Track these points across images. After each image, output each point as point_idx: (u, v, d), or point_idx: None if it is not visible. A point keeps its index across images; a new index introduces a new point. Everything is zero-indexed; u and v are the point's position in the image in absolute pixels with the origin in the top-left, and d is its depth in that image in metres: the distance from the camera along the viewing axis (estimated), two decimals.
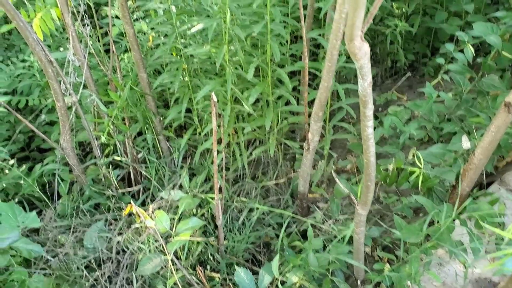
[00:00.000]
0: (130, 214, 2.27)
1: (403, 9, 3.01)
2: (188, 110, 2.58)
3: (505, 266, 1.06)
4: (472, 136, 2.12)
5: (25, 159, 3.09)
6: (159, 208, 2.16)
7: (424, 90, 2.39)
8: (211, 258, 2.21)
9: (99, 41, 2.63)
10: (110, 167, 2.58)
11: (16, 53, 3.15)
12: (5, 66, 2.92)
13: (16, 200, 2.52)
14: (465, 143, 2.04)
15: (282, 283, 1.91)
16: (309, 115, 2.13)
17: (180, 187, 2.46)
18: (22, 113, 3.08)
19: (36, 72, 2.75)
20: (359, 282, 2.09)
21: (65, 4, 2.24)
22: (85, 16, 2.39)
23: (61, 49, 2.88)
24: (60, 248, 2.23)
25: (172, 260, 1.84)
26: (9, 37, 3.35)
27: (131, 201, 1.79)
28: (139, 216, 1.78)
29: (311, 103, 2.23)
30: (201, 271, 2.03)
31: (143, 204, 2.57)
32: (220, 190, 2.10)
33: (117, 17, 2.67)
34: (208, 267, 2.20)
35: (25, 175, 2.49)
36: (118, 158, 2.55)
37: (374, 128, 1.64)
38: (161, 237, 1.81)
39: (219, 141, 2.32)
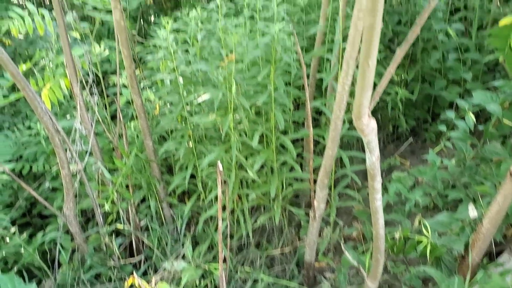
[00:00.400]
0: (131, 286, 2.21)
1: (402, 76, 3.09)
2: (192, 176, 2.58)
3: None
4: (478, 203, 2.11)
5: (26, 225, 3.05)
6: (161, 280, 2.11)
7: (427, 157, 2.41)
8: None
9: (106, 109, 2.68)
10: (113, 235, 2.55)
11: (23, 119, 3.20)
12: (11, 132, 2.95)
13: (16, 269, 2.46)
14: (472, 212, 2.03)
15: None
16: (314, 182, 2.13)
17: (183, 256, 2.41)
18: (25, 179, 3.07)
19: (42, 140, 2.77)
20: None
21: (74, 74, 2.30)
22: (93, 86, 2.45)
23: (68, 116, 2.92)
24: None
25: None
26: (16, 103, 3.41)
27: (133, 272, 1.75)
28: None
29: (315, 170, 2.23)
30: None
31: (145, 274, 2.51)
32: (224, 260, 2.06)
33: (124, 86, 2.73)
34: None
35: (26, 243, 2.45)
36: (121, 227, 2.52)
37: None
38: None
39: (224, 208, 2.30)
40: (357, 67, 1.90)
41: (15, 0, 4.39)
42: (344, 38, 2.30)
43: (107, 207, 2.32)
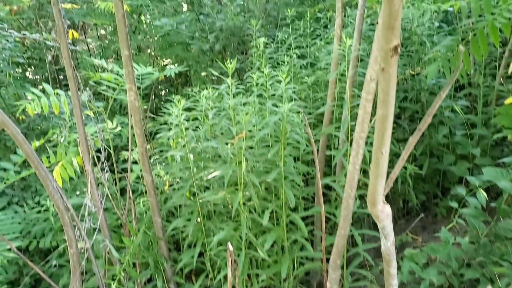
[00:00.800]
0: None
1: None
2: (200, 254, 2.53)
3: None
4: (496, 285, 2.04)
5: None
6: None
7: (440, 235, 2.37)
8: None
9: (115, 184, 2.69)
10: None
11: (32, 194, 3.20)
12: (20, 208, 2.95)
13: None
14: None
15: None
16: (326, 260, 2.08)
17: None
18: (31, 254, 3.03)
19: (51, 216, 2.77)
20: None
21: (87, 152, 2.33)
22: (105, 162, 2.47)
23: (78, 191, 2.93)
24: None
25: None
26: (26, 177, 3.43)
27: None
28: None
29: (326, 248, 2.20)
30: None
31: None
32: None
33: (135, 161, 2.76)
34: None
35: None
36: None
37: None
38: None
39: None
40: (365, 143, 1.93)
41: (30, 75, 4.56)
42: (352, 117, 2.34)
43: (113, 287, 2.27)
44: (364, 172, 2.55)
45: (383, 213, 1.22)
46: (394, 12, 0.86)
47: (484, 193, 2.36)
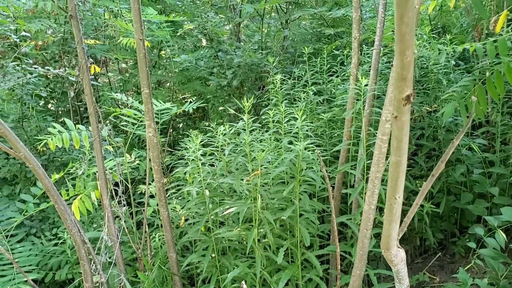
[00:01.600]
0: None
1: None
2: None
3: None
4: None
5: None
6: None
7: (458, 276, 2.33)
8: None
9: (132, 218, 2.71)
10: None
11: (50, 225, 3.24)
12: (37, 239, 2.99)
13: None
14: None
15: None
16: None
17: None
18: (46, 286, 3.05)
19: (68, 249, 2.80)
20: None
21: (105, 187, 2.37)
22: (122, 197, 2.50)
23: (95, 224, 2.96)
24: None
25: None
26: (45, 208, 3.48)
27: None
28: None
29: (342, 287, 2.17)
30: None
31: None
32: None
33: (151, 195, 2.78)
34: None
35: None
36: None
37: None
38: None
39: None
40: (381, 181, 1.93)
41: (51, 107, 4.67)
42: (368, 155, 2.35)
43: None
44: (380, 210, 2.54)
45: (397, 258, 1.22)
46: (406, 63, 0.89)
47: (503, 234, 2.32)
